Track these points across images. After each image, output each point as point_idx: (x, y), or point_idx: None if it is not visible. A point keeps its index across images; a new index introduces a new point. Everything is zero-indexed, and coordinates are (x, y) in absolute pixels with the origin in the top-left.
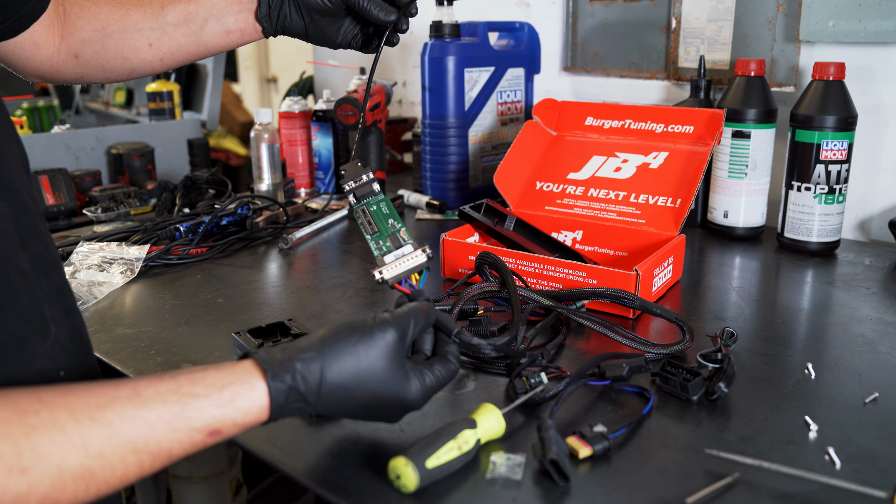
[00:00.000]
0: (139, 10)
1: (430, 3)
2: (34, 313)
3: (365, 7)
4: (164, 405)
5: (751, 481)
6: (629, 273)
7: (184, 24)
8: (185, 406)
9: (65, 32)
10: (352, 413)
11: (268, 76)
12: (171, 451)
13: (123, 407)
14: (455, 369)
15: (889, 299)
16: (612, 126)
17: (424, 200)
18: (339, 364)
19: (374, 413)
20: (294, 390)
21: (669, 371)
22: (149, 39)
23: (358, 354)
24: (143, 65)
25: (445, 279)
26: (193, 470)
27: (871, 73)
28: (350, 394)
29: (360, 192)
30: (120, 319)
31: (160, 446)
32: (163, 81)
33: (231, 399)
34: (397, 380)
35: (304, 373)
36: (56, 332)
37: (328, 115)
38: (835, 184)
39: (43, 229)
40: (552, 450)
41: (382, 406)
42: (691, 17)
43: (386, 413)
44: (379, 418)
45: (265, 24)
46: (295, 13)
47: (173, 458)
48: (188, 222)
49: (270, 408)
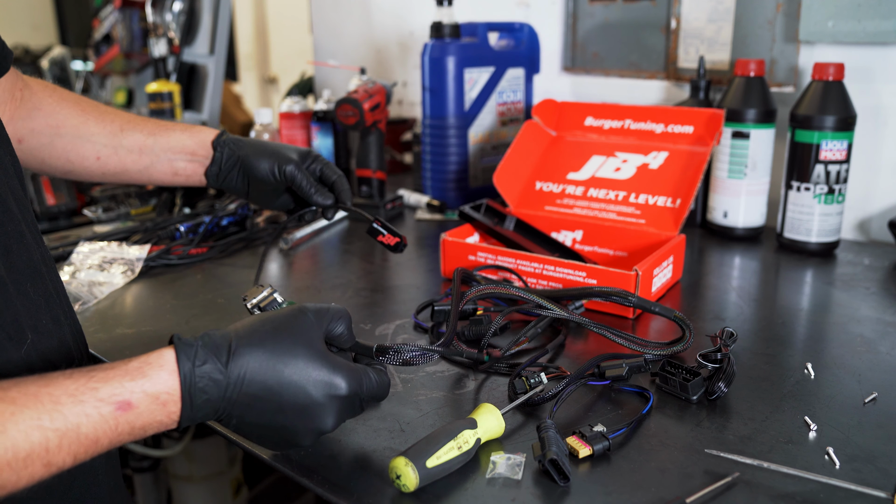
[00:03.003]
0: (98, 124)
1: (430, 3)
2: (9, 320)
3: (306, 192)
4: (70, 380)
5: (750, 481)
6: (629, 273)
7: (136, 153)
8: (90, 378)
9: (15, 116)
10: (267, 390)
11: (268, 76)
12: (78, 427)
13: (29, 386)
14: (387, 381)
15: (888, 299)
16: (612, 126)
17: (424, 200)
18: (247, 327)
19: (293, 393)
20: (202, 349)
21: (669, 371)
22: (98, 153)
23: (265, 317)
24: (84, 172)
25: (445, 279)
26: (194, 470)
27: (870, 73)
28: (265, 347)
29: (265, 304)
30: (120, 319)
31: (66, 421)
32: (163, 81)
33: (139, 368)
34: (319, 347)
35: (212, 335)
36: (35, 340)
37: (328, 115)
38: (834, 184)
39: (30, 238)
40: (552, 450)
41: (305, 377)
42: (691, 18)
43: (304, 396)
44: (297, 403)
45: (210, 180)
46: (241, 180)
47: (84, 439)
48: (188, 222)
49: (179, 371)
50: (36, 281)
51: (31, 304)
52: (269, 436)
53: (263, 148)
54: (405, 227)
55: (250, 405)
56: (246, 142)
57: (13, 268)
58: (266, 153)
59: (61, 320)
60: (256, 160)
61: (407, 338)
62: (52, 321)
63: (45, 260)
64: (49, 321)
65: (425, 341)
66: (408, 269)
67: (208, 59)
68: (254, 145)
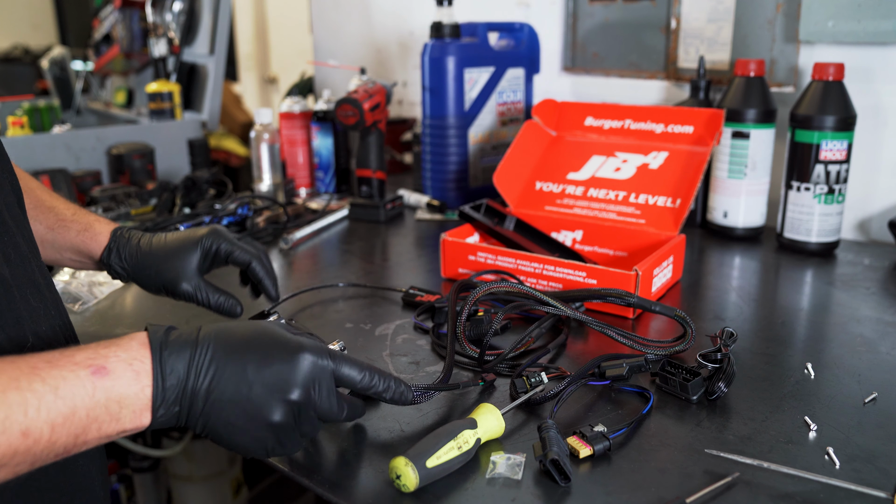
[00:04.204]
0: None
1: (430, 3)
2: (11, 322)
3: (209, 306)
4: (49, 353)
5: (750, 481)
6: (629, 273)
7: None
8: (65, 350)
9: None
10: (234, 354)
11: (268, 76)
12: (56, 390)
13: (12, 360)
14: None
15: (888, 299)
16: (612, 126)
17: (424, 200)
18: (217, 326)
19: (259, 356)
20: (172, 329)
21: (669, 371)
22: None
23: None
24: None
25: (445, 280)
26: (194, 470)
27: (870, 73)
28: (232, 332)
29: None
30: (120, 319)
31: (44, 385)
32: (163, 81)
33: (114, 341)
34: (287, 335)
35: (185, 328)
36: (35, 345)
37: (328, 115)
38: (834, 184)
39: (27, 251)
40: (553, 450)
41: (270, 356)
42: (691, 18)
43: (271, 360)
44: (266, 384)
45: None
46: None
47: (62, 406)
48: (188, 222)
49: (149, 338)
50: (34, 291)
51: (32, 310)
52: (238, 422)
53: (152, 262)
54: (405, 226)
55: (218, 375)
56: (136, 251)
57: (14, 275)
58: (153, 270)
59: (58, 331)
60: (145, 279)
61: (407, 338)
62: (51, 329)
63: (43, 274)
64: (48, 329)
65: (425, 342)
66: (408, 269)
67: (208, 59)
68: (143, 258)
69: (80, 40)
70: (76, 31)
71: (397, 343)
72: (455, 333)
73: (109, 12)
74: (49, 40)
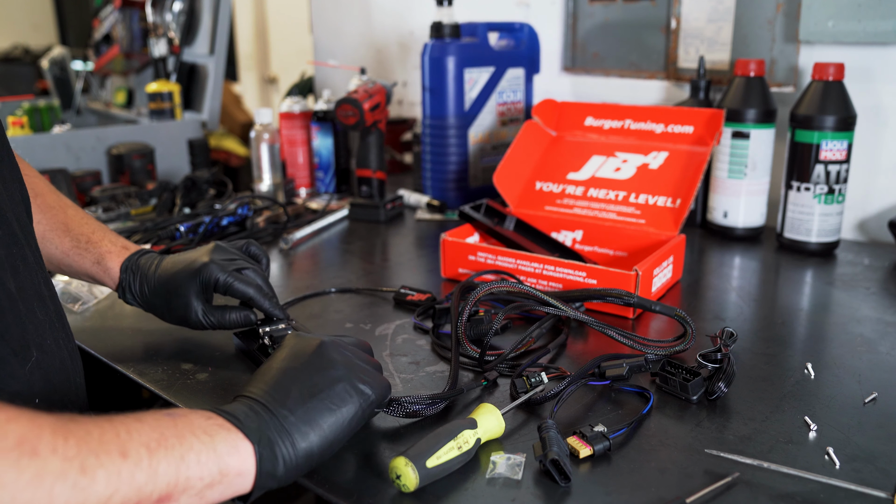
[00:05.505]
0: (41, 212)
1: (430, 3)
2: (16, 336)
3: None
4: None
5: (750, 481)
6: (629, 273)
7: (55, 264)
8: (185, 440)
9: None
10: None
11: (268, 76)
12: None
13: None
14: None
15: (888, 299)
16: (612, 126)
17: (424, 200)
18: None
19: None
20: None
21: (669, 371)
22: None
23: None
24: None
25: (445, 280)
26: None
27: (870, 73)
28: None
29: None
30: (120, 319)
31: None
32: (163, 81)
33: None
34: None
35: (268, 436)
36: (39, 359)
37: (328, 115)
38: (834, 184)
39: (33, 262)
40: (553, 450)
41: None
42: (691, 18)
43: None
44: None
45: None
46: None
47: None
48: (188, 222)
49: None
50: (40, 303)
51: (37, 323)
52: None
53: (159, 301)
54: (405, 226)
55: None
56: (143, 289)
57: (21, 287)
58: (163, 309)
59: (61, 344)
60: (159, 316)
61: (407, 338)
62: (55, 342)
63: (48, 285)
64: (52, 342)
65: (425, 342)
66: (408, 269)
67: (208, 59)
68: (151, 297)
69: (80, 40)
70: (76, 31)
71: (397, 343)
72: (458, 338)
73: (109, 12)
74: (49, 40)
